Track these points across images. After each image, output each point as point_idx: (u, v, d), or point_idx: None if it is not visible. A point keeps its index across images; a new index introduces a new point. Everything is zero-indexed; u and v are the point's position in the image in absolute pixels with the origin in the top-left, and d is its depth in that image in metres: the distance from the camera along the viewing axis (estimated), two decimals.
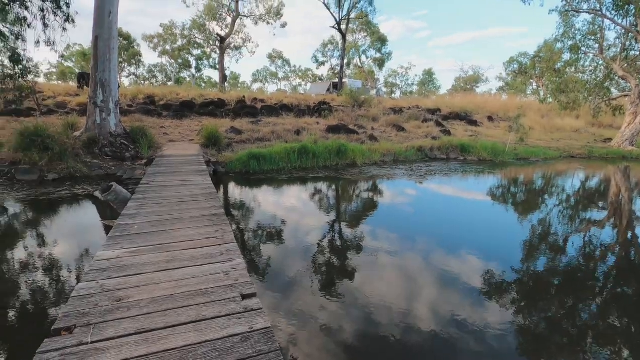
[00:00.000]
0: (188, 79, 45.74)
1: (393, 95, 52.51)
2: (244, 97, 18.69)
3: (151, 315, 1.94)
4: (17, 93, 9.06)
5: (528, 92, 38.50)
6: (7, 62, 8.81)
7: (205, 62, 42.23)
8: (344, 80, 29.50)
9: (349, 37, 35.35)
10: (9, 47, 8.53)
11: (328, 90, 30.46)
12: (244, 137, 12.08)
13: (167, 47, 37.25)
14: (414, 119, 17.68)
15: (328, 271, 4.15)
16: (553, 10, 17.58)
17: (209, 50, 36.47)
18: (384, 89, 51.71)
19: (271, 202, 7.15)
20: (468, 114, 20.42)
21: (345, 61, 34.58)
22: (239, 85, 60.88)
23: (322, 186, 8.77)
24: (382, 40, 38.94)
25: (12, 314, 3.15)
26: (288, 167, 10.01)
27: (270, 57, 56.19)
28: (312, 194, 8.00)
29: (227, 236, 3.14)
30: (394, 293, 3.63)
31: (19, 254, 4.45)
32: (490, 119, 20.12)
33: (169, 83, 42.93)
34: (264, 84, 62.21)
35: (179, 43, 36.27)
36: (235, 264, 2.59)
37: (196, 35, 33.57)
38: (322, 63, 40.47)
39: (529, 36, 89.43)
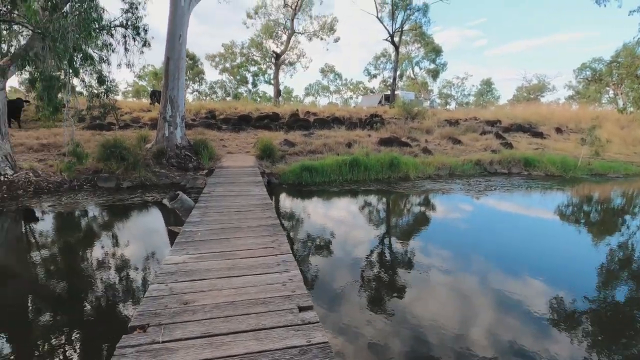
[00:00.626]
0: (245, 94, 48.31)
1: (447, 106, 50.76)
2: (297, 110, 19.26)
3: (215, 320, 2.03)
4: (101, 110, 10.22)
5: (603, 101, 34.94)
6: (94, 83, 10.00)
7: (261, 77, 44.36)
8: (396, 92, 29.16)
9: (402, 49, 35.02)
10: (96, 69, 9.68)
11: (380, 102, 30.33)
12: (296, 150, 12.39)
13: (227, 65, 39.85)
14: (471, 131, 16.88)
15: (379, 287, 4.04)
16: (634, 11, 15.93)
17: (264, 66, 38.34)
18: (438, 100, 50.19)
19: (323, 214, 7.19)
20: (532, 126, 19.00)
21: (398, 73, 34.20)
22: (292, 99, 62.94)
23: (374, 199, 8.65)
24: (437, 51, 38.03)
25: (92, 307, 3.49)
26: (339, 180, 10.05)
27: (322, 71, 57.53)
28: (363, 207, 7.93)
29: (283, 247, 3.21)
30: (447, 315, 3.42)
31: (98, 253, 4.94)
32: (558, 130, 18.52)
33: (228, 98, 45.67)
34: (316, 98, 63.68)
35: (238, 61, 38.61)
36: (291, 275, 2.63)
37: (254, 53, 35.51)
38: (374, 75, 40.49)
39: (601, 41, 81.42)
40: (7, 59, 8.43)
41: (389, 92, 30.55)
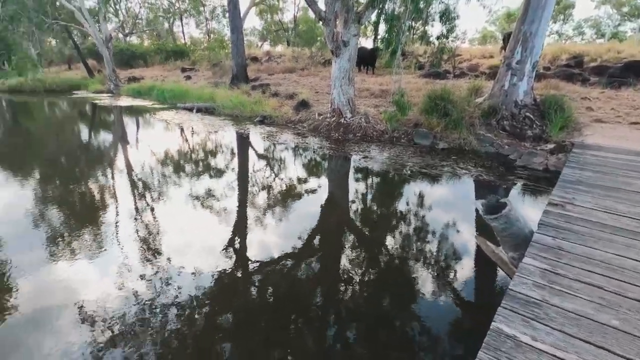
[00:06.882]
0: (630, 33, 33.71)
1: None
2: None
3: None
4: (437, 55, 9.01)
5: None
6: (436, 24, 8.76)
7: None
8: None
9: None
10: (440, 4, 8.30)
11: None
12: None
13: None
14: None
15: None
16: None
17: None
18: None
19: None
20: None
21: None
22: None
23: None
24: None
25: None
26: None
27: None
28: None
29: None
30: None
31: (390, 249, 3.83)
32: None
33: (599, 41, 33.59)
34: None
35: None
36: None
37: None
38: None
39: None
40: (364, 6, 8.54)
41: None
